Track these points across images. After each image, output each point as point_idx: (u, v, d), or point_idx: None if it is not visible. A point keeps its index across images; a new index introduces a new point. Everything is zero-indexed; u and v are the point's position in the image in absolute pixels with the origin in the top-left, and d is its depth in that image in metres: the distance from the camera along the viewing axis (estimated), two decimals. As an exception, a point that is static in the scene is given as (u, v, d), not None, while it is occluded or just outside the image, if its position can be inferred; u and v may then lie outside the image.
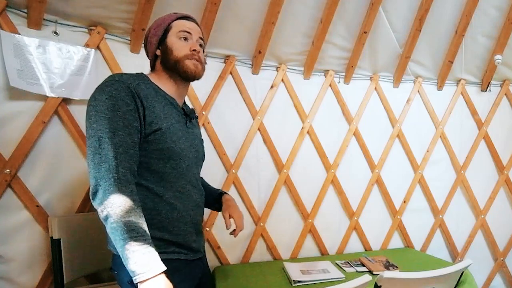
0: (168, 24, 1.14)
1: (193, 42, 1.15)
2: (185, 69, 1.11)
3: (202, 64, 1.17)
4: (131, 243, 0.86)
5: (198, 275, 1.17)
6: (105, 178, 0.90)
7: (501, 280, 2.69)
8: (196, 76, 1.15)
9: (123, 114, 0.96)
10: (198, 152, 1.22)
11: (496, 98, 2.65)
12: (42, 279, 1.56)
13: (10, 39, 1.47)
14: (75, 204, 1.67)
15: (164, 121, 1.06)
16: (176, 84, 1.16)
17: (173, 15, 1.17)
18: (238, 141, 2.13)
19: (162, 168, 1.06)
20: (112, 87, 0.98)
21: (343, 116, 2.39)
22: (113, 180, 0.90)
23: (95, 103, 0.96)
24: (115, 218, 0.88)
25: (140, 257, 0.86)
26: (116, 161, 0.92)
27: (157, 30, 1.15)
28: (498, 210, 2.64)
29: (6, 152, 1.48)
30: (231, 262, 2.11)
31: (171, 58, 1.11)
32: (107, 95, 0.96)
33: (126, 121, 0.96)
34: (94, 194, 0.91)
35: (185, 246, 1.10)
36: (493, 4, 2.28)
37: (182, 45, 1.12)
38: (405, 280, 1.22)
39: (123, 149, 0.94)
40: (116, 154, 0.92)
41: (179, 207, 1.09)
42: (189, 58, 1.12)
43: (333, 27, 2.12)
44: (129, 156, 0.96)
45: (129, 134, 0.96)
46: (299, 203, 2.25)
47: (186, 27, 1.15)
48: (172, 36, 1.13)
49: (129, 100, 0.98)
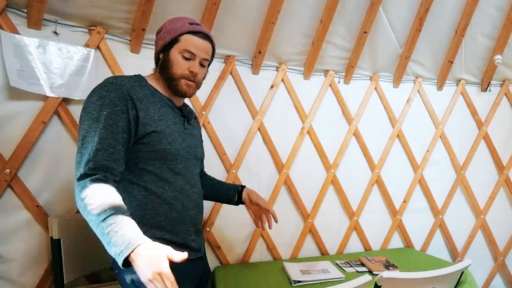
0: (178, 35, 1.11)
1: (195, 63, 1.13)
2: (177, 87, 1.13)
3: (198, 84, 1.18)
4: (103, 228, 0.85)
5: (198, 275, 1.17)
6: (76, 175, 0.93)
7: (501, 280, 2.69)
8: (186, 95, 1.17)
9: (109, 114, 0.97)
10: (197, 152, 1.22)
11: (496, 98, 2.65)
12: (42, 279, 1.56)
13: (10, 39, 1.47)
14: (75, 204, 1.64)
15: (159, 123, 1.07)
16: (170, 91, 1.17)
17: (186, 26, 1.12)
18: (238, 141, 2.13)
19: (160, 169, 1.07)
20: (103, 88, 1.01)
21: (343, 116, 2.39)
22: (78, 176, 0.92)
23: (86, 105, 1.00)
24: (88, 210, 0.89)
25: (114, 238, 0.83)
26: (89, 157, 0.93)
27: (166, 36, 1.13)
28: (498, 210, 2.64)
29: (6, 152, 1.48)
30: (231, 262, 2.11)
31: (168, 72, 1.12)
32: (97, 96, 1.00)
33: (111, 121, 0.97)
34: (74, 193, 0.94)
35: (184, 245, 1.11)
36: (493, 4, 2.28)
37: (182, 63, 1.11)
38: (405, 280, 1.23)
39: (101, 146, 0.95)
40: (92, 151, 0.94)
41: (178, 207, 1.10)
42: (185, 78, 1.12)
43: (333, 27, 2.11)
44: (108, 154, 0.96)
45: (111, 133, 0.97)
46: (299, 203, 2.25)
47: (194, 46, 1.11)
48: (176, 51, 1.11)
49: (118, 100, 0.99)
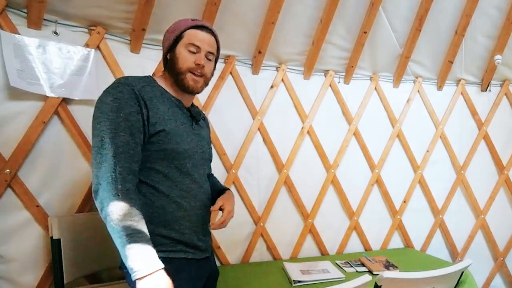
0: (181, 32, 1.14)
1: (200, 55, 1.14)
2: (184, 82, 1.14)
3: (206, 78, 1.18)
4: (129, 242, 0.88)
5: (205, 275, 1.18)
6: (104, 177, 0.93)
7: (501, 280, 2.69)
8: (194, 91, 1.17)
9: (126, 115, 0.99)
10: (204, 153, 1.23)
11: (496, 98, 2.65)
12: (42, 279, 1.56)
13: (10, 39, 1.47)
14: (75, 204, 1.67)
15: (168, 123, 1.08)
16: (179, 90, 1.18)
17: (188, 22, 1.15)
18: (238, 141, 2.13)
19: (167, 168, 1.08)
20: (117, 89, 1.02)
21: (343, 116, 2.39)
22: (111, 179, 0.93)
23: (100, 105, 1.01)
24: (113, 217, 0.90)
25: (137, 254, 0.88)
26: (115, 160, 0.95)
27: (170, 36, 1.15)
28: (498, 210, 2.64)
29: (6, 152, 1.48)
30: (231, 262, 2.11)
31: (175, 68, 1.14)
32: (112, 97, 1.00)
33: (129, 122, 0.99)
34: (95, 193, 0.95)
35: (191, 245, 1.11)
36: (493, 4, 2.28)
37: (188, 57, 1.13)
38: (405, 280, 1.23)
39: (123, 149, 0.97)
40: (116, 154, 0.95)
41: (186, 206, 1.11)
42: (192, 71, 1.13)
43: (333, 27, 2.12)
44: (129, 156, 0.98)
45: (130, 135, 0.99)
46: (299, 203, 2.25)
47: (198, 39, 1.13)
48: (181, 47, 1.13)
49: (132, 102, 1.01)
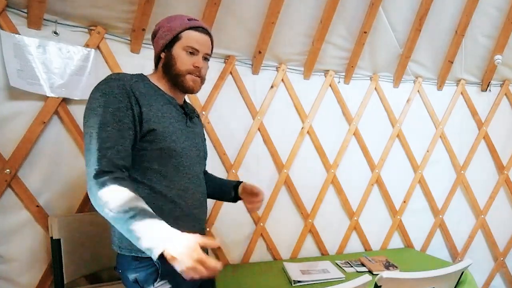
0: (179, 33, 1.12)
1: (198, 58, 1.14)
2: (183, 84, 1.14)
3: (202, 79, 1.19)
4: (133, 224, 0.86)
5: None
6: (91, 173, 0.93)
7: (501, 280, 2.69)
8: (193, 91, 1.18)
9: (114, 110, 0.98)
10: (200, 150, 1.23)
11: (496, 98, 2.65)
12: (42, 279, 1.56)
13: (10, 39, 1.47)
14: (75, 204, 1.67)
15: (161, 120, 1.07)
16: (174, 89, 1.17)
17: (186, 23, 1.13)
18: (238, 141, 2.13)
19: (164, 167, 1.07)
20: (106, 84, 1.01)
21: (343, 116, 2.39)
22: (95, 173, 0.92)
23: (90, 101, 1.00)
24: (110, 208, 0.89)
25: (146, 231, 0.85)
26: (100, 154, 0.93)
27: (167, 34, 1.13)
28: (498, 210, 2.64)
29: (6, 152, 1.48)
30: (231, 262, 2.11)
31: (173, 69, 1.13)
32: (101, 93, 1.00)
33: (116, 117, 0.98)
34: (89, 191, 0.94)
35: None
36: (493, 4, 2.28)
37: (186, 59, 1.13)
38: (405, 280, 1.23)
39: (110, 143, 0.96)
40: (101, 148, 0.94)
41: (182, 205, 1.11)
42: (190, 73, 1.13)
43: (333, 27, 2.12)
44: (116, 151, 0.96)
45: (118, 130, 0.97)
46: (299, 203, 2.25)
47: (196, 42, 1.13)
48: (179, 48, 1.12)
49: (121, 97, 1.00)
